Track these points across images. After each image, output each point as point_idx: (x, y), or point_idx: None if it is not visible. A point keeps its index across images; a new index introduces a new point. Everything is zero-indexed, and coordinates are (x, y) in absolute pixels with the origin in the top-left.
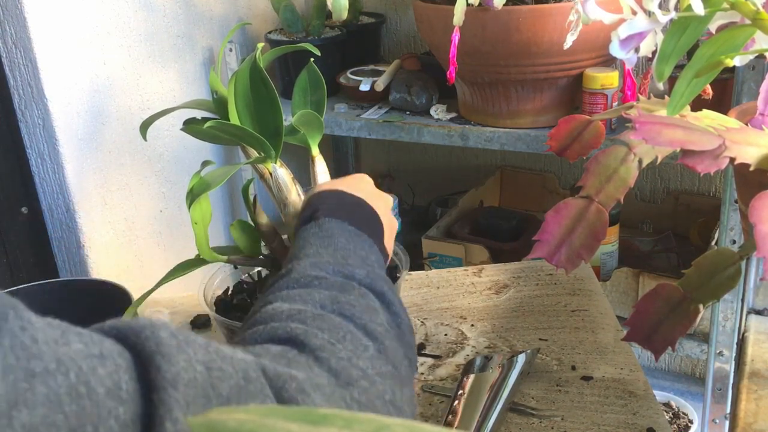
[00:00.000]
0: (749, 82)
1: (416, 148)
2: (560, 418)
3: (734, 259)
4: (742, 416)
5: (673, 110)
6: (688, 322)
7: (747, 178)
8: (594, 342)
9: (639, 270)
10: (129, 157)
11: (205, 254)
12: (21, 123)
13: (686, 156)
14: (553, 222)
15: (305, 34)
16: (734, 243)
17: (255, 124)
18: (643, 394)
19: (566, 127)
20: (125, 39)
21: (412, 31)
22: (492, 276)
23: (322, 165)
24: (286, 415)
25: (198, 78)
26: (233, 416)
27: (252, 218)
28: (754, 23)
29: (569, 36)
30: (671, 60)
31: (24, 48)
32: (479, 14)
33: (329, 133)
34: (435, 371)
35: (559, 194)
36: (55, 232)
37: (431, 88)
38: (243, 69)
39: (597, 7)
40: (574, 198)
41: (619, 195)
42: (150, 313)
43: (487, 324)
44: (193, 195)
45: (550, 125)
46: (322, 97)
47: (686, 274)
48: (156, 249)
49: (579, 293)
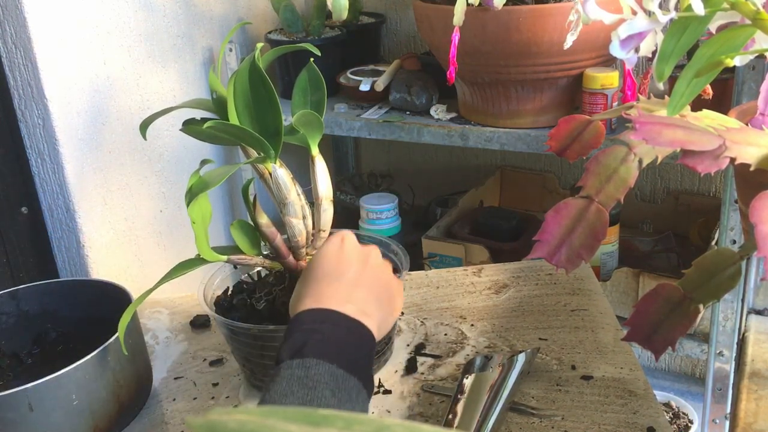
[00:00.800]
0: (749, 82)
1: (416, 148)
2: (561, 418)
3: (734, 259)
4: (742, 416)
5: (673, 110)
6: (688, 322)
7: (747, 178)
8: (594, 341)
9: (639, 270)
10: (129, 157)
11: (205, 254)
12: (21, 123)
13: (686, 156)
14: (553, 222)
15: (305, 34)
16: (734, 243)
17: (254, 124)
18: (643, 393)
19: (566, 127)
20: (125, 39)
21: (412, 31)
22: (491, 276)
23: (322, 165)
24: (286, 416)
25: (198, 78)
26: (234, 417)
27: (252, 218)
28: (754, 23)
29: (569, 36)
30: (671, 60)
31: (24, 48)
32: (479, 14)
33: (329, 133)
34: (435, 371)
35: (559, 194)
36: (55, 232)
37: (431, 88)
38: (242, 69)
39: (597, 7)
40: (574, 198)
41: (619, 195)
42: (149, 312)
43: (486, 324)
44: (192, 194)
45: (550, 125)
46: (322, 97)
47: (686, 274)
48: (156, 249)
49: (578, 293)
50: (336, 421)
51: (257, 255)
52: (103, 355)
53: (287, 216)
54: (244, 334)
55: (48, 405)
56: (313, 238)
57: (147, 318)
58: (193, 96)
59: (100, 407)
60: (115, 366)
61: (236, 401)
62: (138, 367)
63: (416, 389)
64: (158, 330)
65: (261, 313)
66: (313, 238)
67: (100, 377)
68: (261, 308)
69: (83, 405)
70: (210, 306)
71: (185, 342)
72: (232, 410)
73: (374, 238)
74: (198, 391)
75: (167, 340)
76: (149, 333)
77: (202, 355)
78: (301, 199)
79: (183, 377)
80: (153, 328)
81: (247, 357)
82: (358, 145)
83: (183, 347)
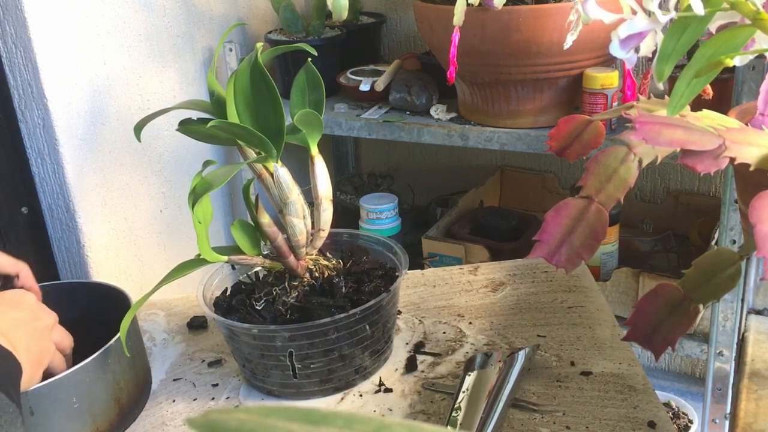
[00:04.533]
0: (749, 82)
1: (416, 148)
2: (562, 413)
3: (734, 259)
4: (742, 416)
5: (673, 110)
6: (688, 322)
7: (747, 178)
8: (592, 338)
9: (639, 270)
10: (129, 157)
11: (206, 254)
12: (21, 123)
13: (686, 156)
14: (553, 222)
15: (305, 34)
16: (734, 243)
17: (255, 123)
18: (643, 388)
19: (566, 127)
20: (125, 39)
21: (412, 31)
22: (488, 274)
23: (322, 165)
24: (286, 415)
25: (198, 78)
26: (234, 416)
27: (252, 218)
28: (754, 23)
29: (569, 36)
30: (671, 60)
31: (24, 48)
32: (479, 14)
33: (329, 133)
34: (435, 369)
35: (559, 194)
36: (55, 232)
37: (431, 88)
38: (243, 68)
39: (597, 7)
40: (574, 198)
41: (619, 195)
42: (146, 314)
43: (485, 321)
44: (196, 195)
45: (550, 125)
46: (320, 96)
47: (686, 274)
48: (156, 249)
49: (575, 290)
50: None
51: (258, 255)
52: (103, 357)
53: (288, 215)
54: (244, 334)
55: (48, 408)
56: (313, 237)
57: (143, 320)
58: (193, 96)
59: (100, 410)
60: (116, 368)
61: (236, 402)
62: (138, 369)
63: (417, 387)
64: (155, 332)
65: (260, 314)
66: (313, 237)
67: (100, 379)
68: (260, 308)
69: (84, 408)
70: (209, 307)
71: (183, 343)
72: (233, 409)
73: (374, 238)
74: (197, 393)
75: (164, 341)
76: (146, 335)
77: (200, 356)
78: (301, 199)
79: (182, 378)
80: (150, 330)
81: (247, 357)
82: (358, 145)
83: (181, 349)
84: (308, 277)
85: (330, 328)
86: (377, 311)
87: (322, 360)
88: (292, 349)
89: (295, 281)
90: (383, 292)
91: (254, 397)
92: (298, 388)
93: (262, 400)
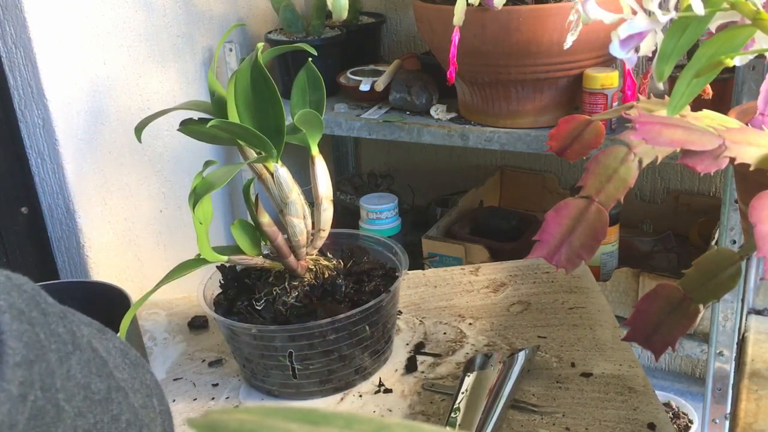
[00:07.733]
0: (749, 82)
1: (416, 148)
2: (562, 415)
3: (734, 259)
4: (742, 416)
5: (673, 110)
6: (688, 322)
7: (747, 178)
8: (592, 339)
9: (639, 270)
10: (129, 157)
11: (207, 254)
12: (21, 123)
13: (686, 156)
14: (553, 222)
15: (305, 34)
16: (734, 243)
17: (256, 123)
18: (643, 389)
19: (566, 127)
20: (125, 39)
21: (412, 31)
22: (489, 275)
23: (322, 165)
24: (286, 416)
25: (198, 78)
26: (234, 416)
27: (253, 218)
28: (754, 23)
29: (569, 36)
30: (671, 60)
31: (24, 48)
32: (479, 14)
33: (329, 133)
34: (435, 369)
35: (559, 194)
36: (55, 232)
37: (431, 88)
38: (243, 68)
39: (597, 7)
40: (574, 198)
41: (619, 195)
42: (147, 314)
43: (485, 322)
44: (197, 195)
45: (550, 125)
46: (321, 96)
47: (686, 274)
48: (156, 249)
49: (576, 291)
50: (336, 421)
51: (258, 255)
52: None
53: (288, 215)
54: (244, 334)
55: None
56: (313, 237)
57: (144, 319)
58: (193, 96)
59: None
60: None
61: (236, 402)
62: None
63: (417, 388)
64: (156, 331)
65: (261, 314)
66: (313, 237)
67: None
68: (261, 308)
69: None
70: (210, 306)
71: (183, 343)
72: (233, 409)
73: (374, 238)
74: (198, 392)
75: (165, 341)
76: (147, 334)
77: (200, 356)
78: (301, 199)
79: (182, 378)
80: (151, 330)
81: (247, 357)
82: (358, 145)
83: (181, 348)
84: (308, 278)
85: (330, 329)
86: (377, 312)
87: (322, 360)
88: (291, 350)
89: (295, 281)
90: (383, 292)
91: (254, 397)
92: (298, 388)
93: (262, 400)
